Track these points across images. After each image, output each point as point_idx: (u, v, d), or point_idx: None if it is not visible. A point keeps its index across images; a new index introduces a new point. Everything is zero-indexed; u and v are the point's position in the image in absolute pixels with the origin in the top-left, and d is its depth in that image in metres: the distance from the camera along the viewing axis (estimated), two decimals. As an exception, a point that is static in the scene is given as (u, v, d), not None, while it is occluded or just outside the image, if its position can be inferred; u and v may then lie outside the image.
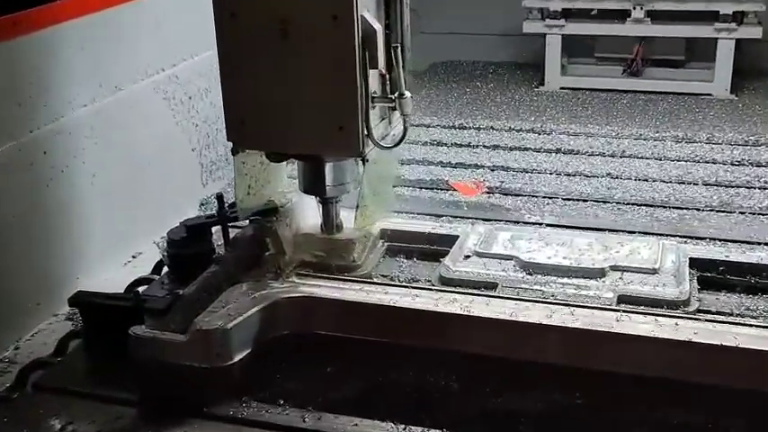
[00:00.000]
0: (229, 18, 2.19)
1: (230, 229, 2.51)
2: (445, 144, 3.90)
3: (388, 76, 2.28)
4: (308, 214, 2.58)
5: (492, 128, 4.10)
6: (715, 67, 4.47)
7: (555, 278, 2.32)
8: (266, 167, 2.49)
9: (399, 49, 2.23)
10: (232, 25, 2.19)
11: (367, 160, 2.25)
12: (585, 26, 4.64)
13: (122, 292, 2.47)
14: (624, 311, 2.12)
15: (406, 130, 2.32)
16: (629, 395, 2.00)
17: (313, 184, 2.43)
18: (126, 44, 2.89)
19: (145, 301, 2.24)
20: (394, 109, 2.32)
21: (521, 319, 2.09)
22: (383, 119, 2.35)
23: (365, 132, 2.21)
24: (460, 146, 3.88)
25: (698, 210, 3.14)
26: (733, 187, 3.31)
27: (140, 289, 2.49)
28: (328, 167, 2.39)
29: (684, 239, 2.82)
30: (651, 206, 3.18)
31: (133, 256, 2.91)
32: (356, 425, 1.97)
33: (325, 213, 2.49)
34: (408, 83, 2.28)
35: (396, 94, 2.27)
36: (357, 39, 2.12)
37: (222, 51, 2.23)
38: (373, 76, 2.22)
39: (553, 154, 3.74)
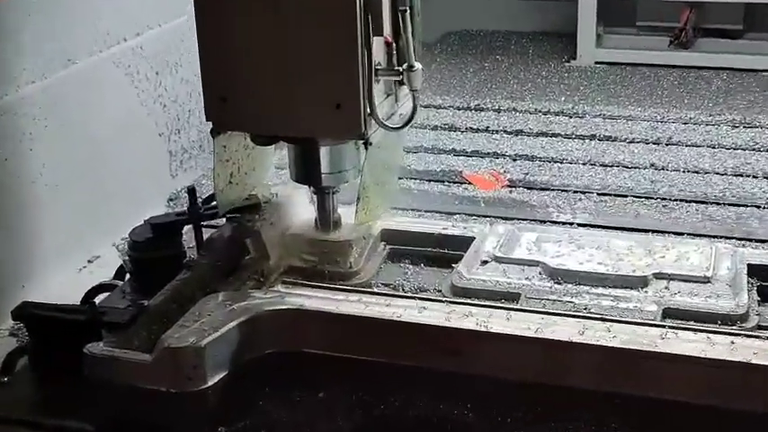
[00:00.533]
0: (209, -24, 2.20)
1: (204, 229, 2.51)
2: (459, 129, 3.90)
3: (394, 44, 2.28)
4: (298, 211, 2.58)
5: (514, 110, 4.10)
6: (778, 39, 4.47)
7: (588, 288, 2.32)
8: (251, 152, 2.49)
9: (408, 12, 2.22)
10: (212, -15, 2.20)
11: (370, 144, 2.25)
12: (626, -12, 4.65)
13: (77, 303, 2.47)
14: (670, 327, 2.12)
15: (415, 108, 2.32)
16: (675, 425, 2.00)
17: (306, 172, 2.43)
18: (82, 9, 2.89)
19: (103, 313, 2.24)
20: (401, 83, 2.32)
21: (548, 336, 2.09)
22: (388, 95, 2.36)
23: (367, 111, 2.21)
24: (477, 131, 3.88)
25: (758, 207, 3.13)
26: (800, 180, 3.31)
27: (98, 299, 2.48)
28: (324, 152, 2.39)
29: (742, 242, 2.82)
30: (703, 203, 3.18)
31: (89, 261, 2.92)
32: (353, 461, 1.97)
33: (320, 207, 2.50)
34: (418, 53, 2.28)
35: (404, 66, 2.26)
36: (358, 0, 2.12)
37: (200, 16, 2.23)
38: (377, 45, 2.22)
39: (587, 141, 3.74)
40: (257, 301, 2.25)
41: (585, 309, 2.23)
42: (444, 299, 2.29)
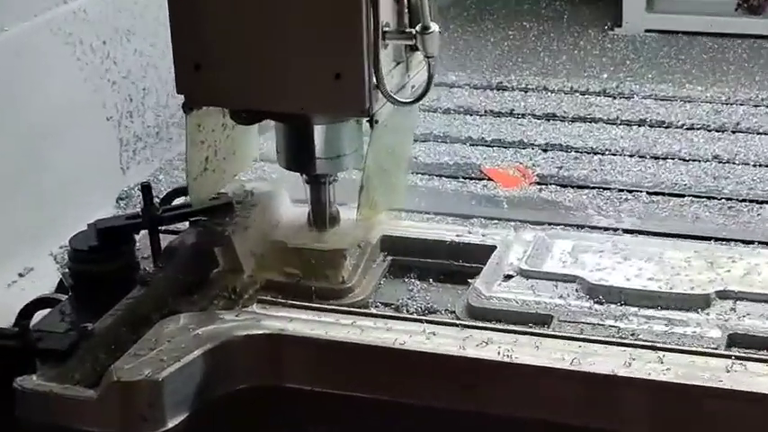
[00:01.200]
0: None
1: (162, 235, 2.51)
2: (477, 112, 3.90)
3: (406, 1, 2.29)
4: (278, 213, 2.59)
5: (545, 89, 4.10)
6: None
7: (636, 309, 2.32)
8: (230, 133, 2.51)
9: None
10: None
11: (376, 122, 2.27)
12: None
13: (6, 326, 2.47)
14: (737, 358, 2.11)
15: (431, 78, 2.33)
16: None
17: (297, 156, 2.45)
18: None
19: (38, 339, 2.24)
20: (414, 48, 2.32)
21: (586, 368, 2.09)
22: (398, 63, 2.37)
23: (373, 82, 2.22)
24: (499, 115, 3.87)
25: None
26: None
27: (34, 320, 2.48)
28: (319, 133, 2.41)
29: (826, 253, 2.82)
30: (777, 204, 3.18)
31: (20, 274, 2.92)
32: None
33: (314, 199, 2.51)
34: (433, 13, 2.28)
35: (417, 28, 2.27)
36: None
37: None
38: (385, 3, 2.23)
39: (634, 127, 3.74)
40: (228, 325, 2.24)
41: (633, 335, 2.23)
42: (458, 322, 2.29)
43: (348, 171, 2.51)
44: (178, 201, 2.67)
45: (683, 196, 3.25)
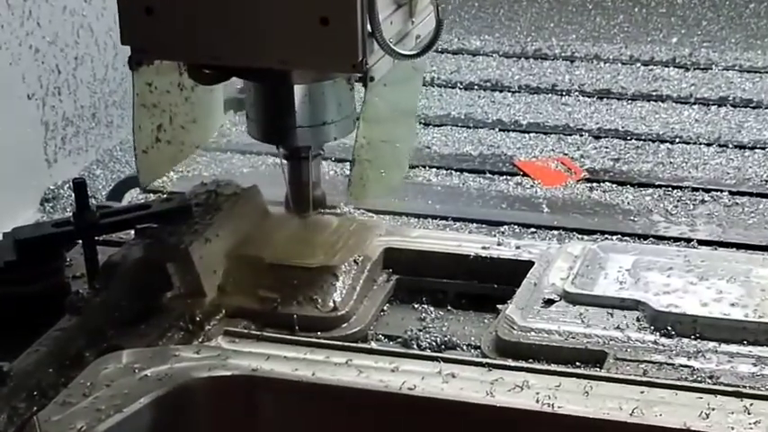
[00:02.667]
0: None
1: (100, 247, 2.51)
2: (508, 87, 3.91)
3: None
4: (250, 218, 2.59)
5: (597, 57, 4.11)
6: None
7: (715, 345, 2.32)
8: (190, 95, 2.53)
9: None
10: None
11: (371, 79, 2.28)
12: None
13: None
14: None
15: (440, 25, 2.36)
16: None
17: (273, 124, 2.47)
18: None
19: (-61, 381, 2.24)
20: None
21: (651, 421, 2.08)
22: (399, 6, 2.39)
23: (367, 29, 2.24)
24: (537, 91, 3.89)
25: None
26: None
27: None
28: (300, 94, 2.43)
29: None
30: None
31: None
32: None
33: (294, 178, 2.55)
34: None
35: None
36: None
37: None
38: None
39: (713, 108, 3.75)
40: (184, 364, 2.24)
41: (712, 377, 2.23)
42: (485, 361, 2.28)
43: (337, 142, 2.52)
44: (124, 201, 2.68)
45: (776, 198, 3.26)
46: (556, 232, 3.01)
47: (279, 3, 2.25)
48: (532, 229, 3.06)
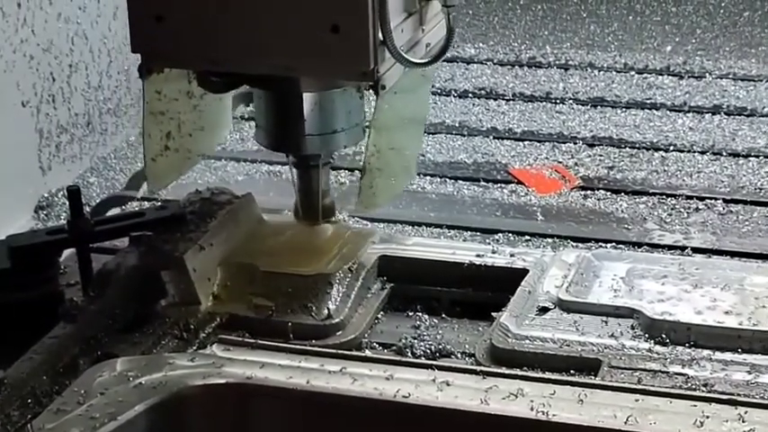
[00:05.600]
0: None
1: (95, 255, 2.51)
2: (502, 95, 3.91)
3: None
4: (245, 226, 2.59)
5: (592, 65, 4.10)
6: None
7: (710, 353, 2.32)
8: (198, 103, 2.53)
9: None
10: None
11: (383, 87, 2.29)
12: None
13: None
14: (841, 416, 2.11)
15: (451, 33, 2.37)
16: None
17: (282, 132, 2.47)
18: None
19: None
20: None
21: (645, 429, 2.08)
22: (410, 14, 2.40)
23: (378, 37, 2.25)
24: (531, 99, 3.88)
25: None
26: None
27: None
28: (310, 102, 2.43)
29: None
30: None
31: None
32: None
33: (303, 186, 2.55)
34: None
35: None
36: None
37: None
38: None
39: (707, 116, 3.74)
40: (179, 372, 2.23)
41: (706, 385, 2.23)
42: (479, 369, 2.28)
43: (346, 150, 2.52)
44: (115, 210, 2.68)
45: (769, 205, 3.26)
46: (550, 240, 3.00)
47: (289, 11, 2.26)
48: (527, 237, 3.05)
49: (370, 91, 2.33)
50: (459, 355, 2.41)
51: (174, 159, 2.51)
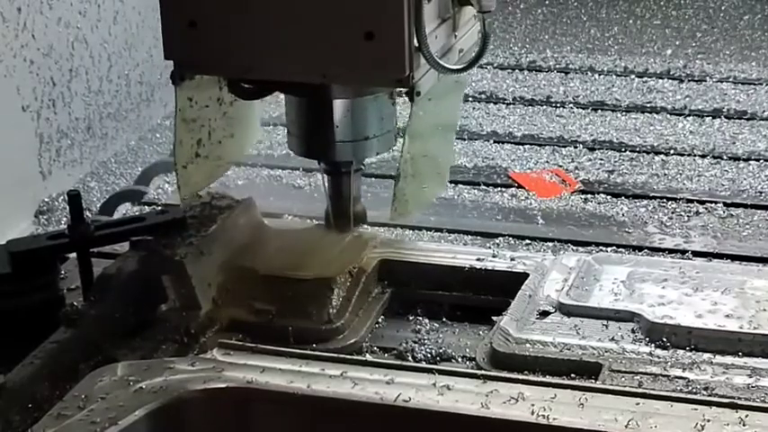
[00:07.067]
0: None
1: (95, 260, 2.51)
2: (503, 99, 3.91)
3: None
4: (246, 230, 2.59)
5: (592, 69, 4.10)
6: None
7: (710, 356, 2.32)
8: (228, 109, 2.53)
9: None
10: None
11: (418, 93, 2.29)
12: None
13: None
14: (843, 419, 2.11)
15: (486, 39, 2.37)
16: None
17: (313, 139, 2.48)
18: None
19: (-67, 395, 2.24)
20: (463, 2, 2.38)
21: (646, 432, 2.09)
22: (444, 20, 2.40)
23: (413, 43, 2.25)
24: (532, 103, 3.88)
25: None
26: None
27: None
28: (341, 108, 2.44)
29: None
30: None
31: None
32: None
33: (334, 193, 2.55)
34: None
35: None
36: None
37: None
38: None
39: (707, 119, 3.74)
40: (180, 377, 2.23)
41: (707, 389, 2.23)
42: (480, 373, 2.28)
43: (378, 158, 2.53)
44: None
45: (771, 209, 3.26)
46: (551, 244, 3.00)
47: (322, 17, 2.26)
48: (527, 241, 3.05)
49: (403, 97, 2.32)
50: (459, 359, 2.41)
51: (204, 167, 2.51)
